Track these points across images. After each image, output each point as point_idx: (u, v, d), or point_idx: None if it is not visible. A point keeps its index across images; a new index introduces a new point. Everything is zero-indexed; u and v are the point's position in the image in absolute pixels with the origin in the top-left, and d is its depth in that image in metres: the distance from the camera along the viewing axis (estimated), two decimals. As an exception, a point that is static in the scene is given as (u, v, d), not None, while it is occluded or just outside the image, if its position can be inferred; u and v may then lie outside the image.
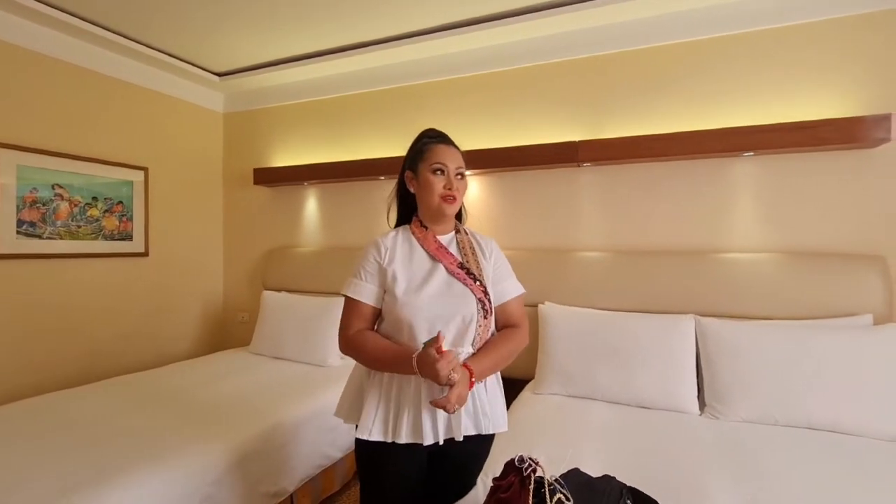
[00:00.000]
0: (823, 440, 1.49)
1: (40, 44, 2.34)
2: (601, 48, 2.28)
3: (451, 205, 1.18)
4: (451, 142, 1.24)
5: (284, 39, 2.55)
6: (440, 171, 1.17)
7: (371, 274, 1.19)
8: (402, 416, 1.10)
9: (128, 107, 2.77)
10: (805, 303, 1.84)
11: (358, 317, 1.18)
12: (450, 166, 1.18)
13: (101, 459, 1.37)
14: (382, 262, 1.18)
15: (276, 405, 1.85)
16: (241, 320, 3.29)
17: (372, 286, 1.18)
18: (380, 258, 1.19)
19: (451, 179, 1.18)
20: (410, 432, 1.10)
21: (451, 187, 1.17)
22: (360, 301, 1.18)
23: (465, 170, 1.22)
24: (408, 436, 1.09)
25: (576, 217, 2.35)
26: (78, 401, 1.87)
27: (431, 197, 1.18)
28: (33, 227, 2.33)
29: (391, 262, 1.18)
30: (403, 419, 1.09)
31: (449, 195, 1.17)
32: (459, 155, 1.22)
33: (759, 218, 2.03)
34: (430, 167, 1.18)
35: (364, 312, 1.18)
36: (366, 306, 1.18)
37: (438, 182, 1.17)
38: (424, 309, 1.12)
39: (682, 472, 1.31)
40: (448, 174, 1.18)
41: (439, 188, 1.17)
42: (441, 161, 1.17)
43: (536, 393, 1.99)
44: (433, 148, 1.19)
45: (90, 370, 2.56)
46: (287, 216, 3.15)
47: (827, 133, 1.83)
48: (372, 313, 1.19)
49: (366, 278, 1.19)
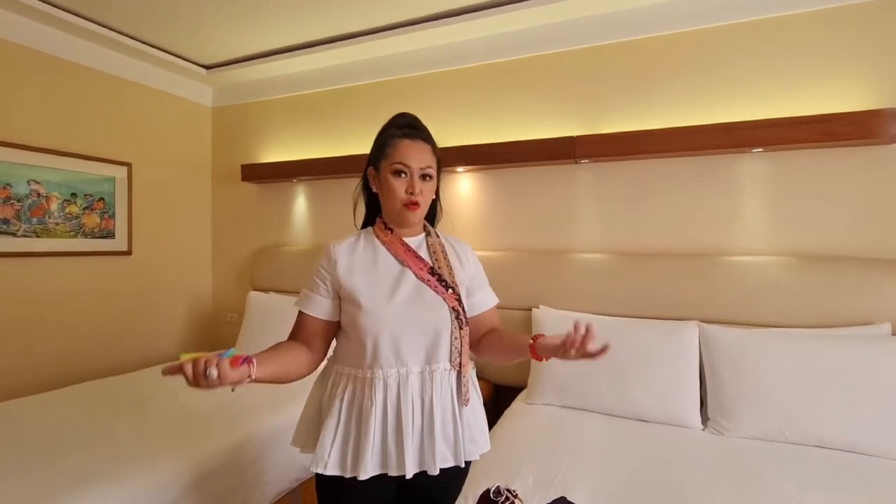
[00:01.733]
0: (837, 460, 1.38)
1: (16, 33, 2.24)
2: (599, 38, 2.15)
3: (413, 212, 1.04)
4: (422, 133, 1.08)
5: (275, 30, 2.45)
6: (402, 173, 1.03)
7: (322, 285, 1.07)
8: (364, 445, 0.96)
9: (110, 100, 2.67)
10: (817, 310, 1.72)
11: (302, 330, 1.07)
12: (413, 167, 1.03)
13: (56, 475, 1.27)
14: (335, 273, 1.05)
15: (251, 414, 1.75)
16: (229, 321, 3.19)
17: (323, 298, 1.06)
18: (332, 269, 1.06)
19: (413, 182, 1.03)
20: (377, 464, 0.97)
21: (412, 191, 1.03)
22: (305, 313, 1.06)
23: (434, 169, 1.07)
24: (372, 468, 0.96)
25: (572, 216, 2.23)
26: (44, 407, 1.77)
27: (392, 202, 1.05)
28: (6, 223, 2.24)
29: (349, 272, 1.04)
30: (366, 449, 0.96)
31: (411, 201, 1.03)
32: (428, 151, 1.06)
33: (768, 219, 1.91)
34: (390, 167, 1.04)
35: (308, 325, 1.06)
36: (314, 320, 1.06)
37: (400, 185, 1.03)
38: (391, 321, 0.99)
39: (683, 494, 1.20)
40: (411, 175, 1.03)
41: (400, 192, 1.03)
42: (402, 161, 1.03)
43: (529, 403, 1.88)
44: (396, 144, 1.05)
45: (65, 374, 2.46)
46: (276, 214, 3.05)
47: (840, 127, 1.70)
48: (323, 327, 1.07)
49: (316, 290, 1.07)
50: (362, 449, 0.96)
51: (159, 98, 2.94)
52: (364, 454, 0.95)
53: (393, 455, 0.97)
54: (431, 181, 1.07)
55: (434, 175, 1.08)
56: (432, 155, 1.08)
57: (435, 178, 1.09)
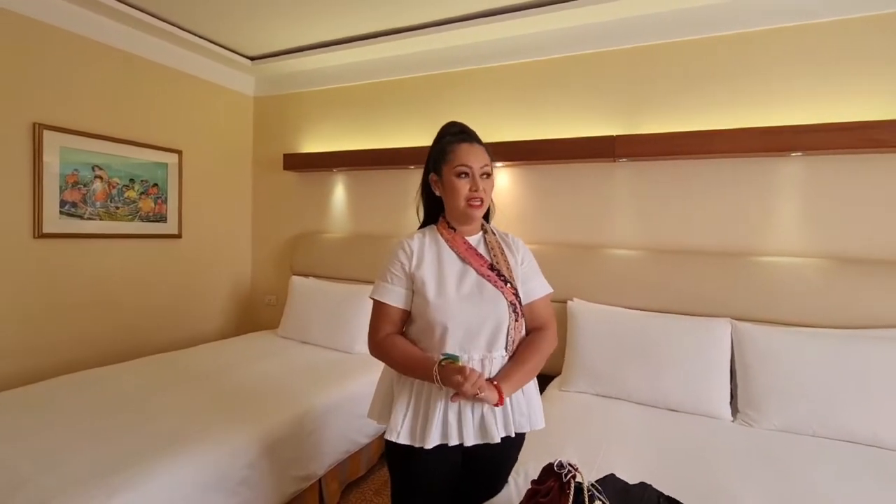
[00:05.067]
0: (863, 455, 1.46)
1: (79, 25, 2.37)
2: (640, 39, 2.20)
3: (477, 209, 1.15)
4: (474, 137, 1.19)
5: (318, 24, 2.54)
6: (464, 174, 1.14)
7: (397, 277, 1.17)
8: (430, 419, 1.08)
9: (163, 89, 2.80)
10: (849, 311, 1.78)
11: (385, 320, 1.18)
12: (474, 167, 1.14)
13: (137, 441, 1.41)
14: (408, 266, 1.16)
15: (305, 391, 1.89)
16: (268, 303, 3.35)
17: (399, 289, 1.17)
18: (405, 262, 1.17)
19: (476, 181, 1.14)
20: (438, 435, 1.09)
21: (476, 189, 1.14)
22: (388, 304, 1.17)
23: (491, 167, 1.18)
24: (435, 439, 1.08)
25: (608, 213, 2.31)
26: (114, 379, 1.93)
27: (457, 201, 1.15)
28: (75, 207, 2.40)
29: (419, 266, 1.15)
30: (432, 422, 1.08)
31: (475, 198, 1.14)
32: (484, 152, 1.17)
33: (802, 221, 1.96)
34: (453, 170, 1.14)
35: (391, 315, 1.18)
36: (393, 309, 1.17)
37: (463, 186, 1.14)
38: (457, 313, 1.11)
39: (713, 480, 1.30)
40: (473, 175, 1.14)
41: (465, 191, 1.14)
42: (465, 163, 1.13)
43: (563, 390, 1.99)
44: (456, 149, 1.15)
45: (125, 347, 2.65)
46: (315, 202, 3.17)
47: (882, 134, 1.74)
48: (400, 316, 1.18)
49: (392, 281, 1.17)
50: (429, 423, 1.08)
51: (207, 88, 3.06)
52: (430, 428, 1.08)
53: (454, 428, 1.09)
54: (490, 179, 1.18)
55: (491, 174, 1.19)
56: (487, 155, 1.18)
57: (492, 176, 1.19)
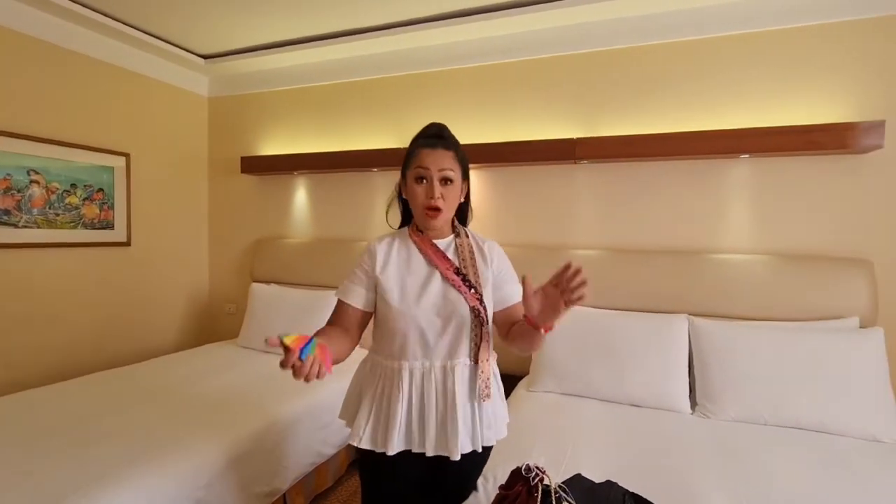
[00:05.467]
0: (811, 440, 1.54)
1: (15, 20, 2.20)
2: (600, 44, 2.25)
3: (432, 218, 1.09)
4: (443, 141, 1.12)
5: (276, 23, 2.46)
6: (422, 179, 1.09)
7: (359, 278, 1.16)
8: (392, 425, 1.07)
9: (108, 89, 2.64)
10: (795, 305, 1.88)
11: (339, 315, 1.16)
12: (432, 170, 1.07)
13: (85, 464, 1.31)
14: (373, 270, 1.14)
15: (268, 403, 1.82)
16: (228, 312, 3.22)
17: (359, 289, 1.15)
18: (370, 264, 1.15)
19: (433, 187, 1.08)
20: (402, 441, 1.08)
21: (432, 196, 1.07)
22: (346, 302, 1.16)
23: (455, 171, 1.10)
24: (398, 445, 1.07)
25: (571, 214, 2.35)
26: (58, 399, 1.80)
27: (415, 207, 1.12)
28: (7, 214, 2.22)
29: (384, 269, 1.14)
30: (394, 429, 1.07)
31: (431, 206, 1.08)
32: (449, 156, 1.09)
33: (753, 219, 2.06)
34: (413, 175, 1.10)
35: (347, 313, 1.15)
36: (350, 308, 1.15)
37: (421, 192, 1.09)
38: (418, 320, 1.09)
39: (676, 472, 1.34)
40: (431, 180, 1.08)
41: (422, 198, 1.09)
42: (420, 166, 1.08)
43: (530, 390, 2.00)
44: (418, 153, 1.10)
45: (70, 363, 2.48)
46: (275, 206, 3.07)
47: (820, 138, 1.85)
48: (358, 316, 1.16)
49: (354, 281, 1.17)
50: (390, 429, 1.07)
51: (156, 87, 2.91)
52: (391, 433, 1.07)
53: (416, 435, 1.09)
54: (453, 185, 1.10)
55: (455, 178, 1.11)
56: (453, 160, 1.11)
57: (457, 181, 1.13)
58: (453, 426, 1.07)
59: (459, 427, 1.07)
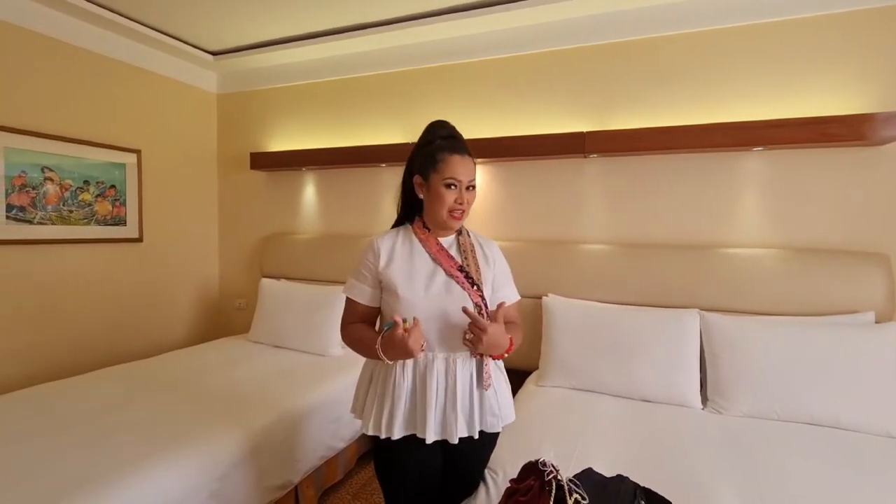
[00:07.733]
0: (823, 436, 1.52)
1: (26, 18, 2.22)
2: (610, 36, 2.22)
3: (458, 220, 1.18)
4: (464, 147, 1.20)
5: (284, 19, 2.46)
6: (453, 186, 1.15)
7: (364, 276, 1.21)
8: (395, 410, 1.12)
9: (118, 86, 2.66)
10: (809, 299, 1.86)
11: (353, 314, 1.24)
12: (463, 181, 1.16)
13: (101, 457, 1.34)
14: (378, 266, 1.18)
15: (279, 397, 1.84)
16: (237, 307, 3.25)
17: (367, 287, 1.21)
18: (373, 261, 1.19)
19: (462, 194, 1.16)
20: (403, 426, 1.12)
21: (461, 201, 1.16)
22: (356, 301, 1.22)
23: (475, 181, 1.21)
24: (401, 430, 1.12)
25: (581, 209, 2.33)
26: (73, 392, 1.83)
27: (441, 210, 1.17)
28: (23, 211, 2.25)
29: (388, 265, 1.18)
30: (397, 416, 1.12)
31: (458, 209, 1.16)
32: (472, 165, 1.19)
33: (766, 213, 2.03)
34: (442, 180, 1.15)
35: (359, 311, 1.23)
36: (361, 306, 1.22)
37: (450, 196, 1.15)
38: (423, 311, 1.13)
39: (687, 467, 1.33)
40: (460, 188, 1.16)
41: (450, 202, 1.16)
42: (454, 176, 1.15)
43: (540, 385, 2.00)
44: (447, 159, 1.16)
45: (83, 359, 2.52)
46: (285, 202, 3.09)
47: (835, 129, 1.81)
48: (368, 312, 1.23)
49: (360, 279, 1.22)
50: (393, 416, 1.13)
51: (166, 85, 2.93)
52: (395, 420, 1.12)
53: (418, 421, 1.13)
54: (474, 191, 1.20)
55: (475, 186, 1.21)
56: (474, 167, 1.20)
57: (475, 188, 1.21)
58: (453, 413, 1.12)
59: (459, 414, 1.12)
